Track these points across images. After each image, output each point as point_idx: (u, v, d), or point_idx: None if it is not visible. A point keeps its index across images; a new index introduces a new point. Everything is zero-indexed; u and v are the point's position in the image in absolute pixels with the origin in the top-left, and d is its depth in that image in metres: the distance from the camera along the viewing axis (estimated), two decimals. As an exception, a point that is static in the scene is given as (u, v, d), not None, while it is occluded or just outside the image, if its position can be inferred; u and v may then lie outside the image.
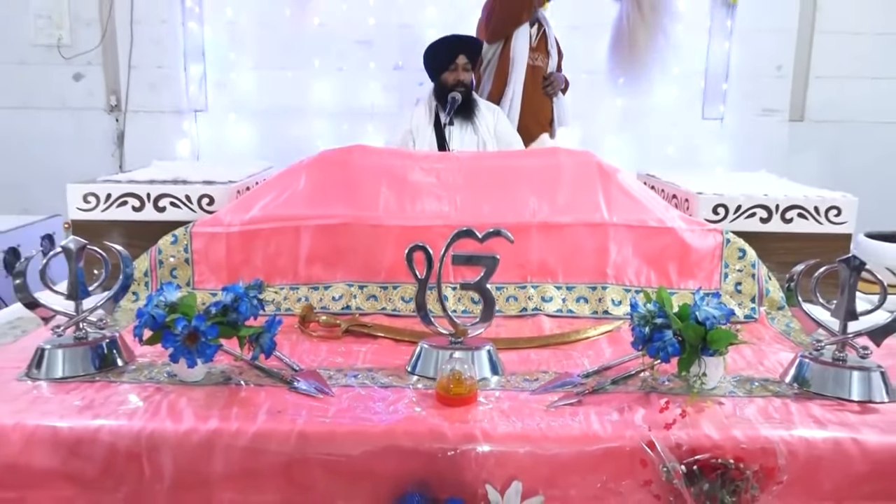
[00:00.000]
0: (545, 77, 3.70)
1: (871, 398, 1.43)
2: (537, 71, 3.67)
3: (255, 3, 4.60)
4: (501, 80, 3.58)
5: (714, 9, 4.65)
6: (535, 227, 2.05)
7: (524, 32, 3.58)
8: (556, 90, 3.72)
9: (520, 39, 3.57)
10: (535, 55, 3.66)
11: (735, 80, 4.70)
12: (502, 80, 3.57)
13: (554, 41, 3.76)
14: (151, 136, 4.66)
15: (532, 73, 3.64)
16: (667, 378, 1.51)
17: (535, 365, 1.64)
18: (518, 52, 3.56)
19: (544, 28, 3.72)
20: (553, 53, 3.73)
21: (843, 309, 1.50)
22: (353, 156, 2.24)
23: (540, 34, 3.70)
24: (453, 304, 1.99)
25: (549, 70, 3.71)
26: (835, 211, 2.20)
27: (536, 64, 3.67)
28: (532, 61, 3.64)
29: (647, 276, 2.05)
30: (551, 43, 3.74)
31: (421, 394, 1.45)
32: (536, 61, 3.67)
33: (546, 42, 3.72)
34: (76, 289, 1.57)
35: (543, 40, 3.72)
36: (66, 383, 1.48)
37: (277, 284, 2.04)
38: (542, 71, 3.70)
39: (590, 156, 2.26)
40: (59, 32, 4.63)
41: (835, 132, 4.80)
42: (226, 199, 2.25)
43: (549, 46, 3.72)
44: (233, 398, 1.42)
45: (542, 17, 3.73)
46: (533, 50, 3.64)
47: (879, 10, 4.61)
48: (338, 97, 4.71)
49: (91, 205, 2.24)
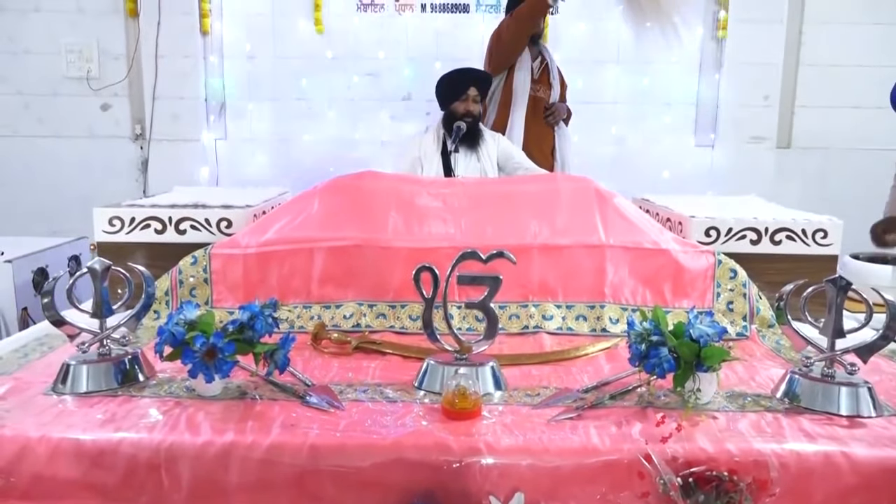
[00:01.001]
0: (546, 107, 3.70)
1: (859, 413, 1.41)
2: (539, 102, 3.69)
3: (271, 39, 4.66)
4: (505, 110, 3.60)
5: (704, 43, 4.69)
6: (536, 249, 2.04)
7: (526, 65, 3.60)
8: (556, 120, 3.73)
9: (521, 72, 3.59)
10: (538, 87, 3.67)
11: (724, 109, 4.72)
12: (505, 110, 3.59)
13: (556, 73, 3.77)
14: (173, 163, 4.69)
15: (534, 103, 3.66)
16: (663, 393, 1.50)
17: (536, 380, 1.63)
18: (520, 84, 3.58)
19: (546, 61, 3.74)
20: (555, 85, 3.74)
21: (830, 327, 1.49)
22: (364, 181, 2.25)
23: (542, 67, 3.72)
24: (458, 322, 1.98)
25: (551, 101, 3.72)
26: (821, 233, 2.19)
27: (539, 95, 3.68)
28: (534, 92, 3.65)
29: (643, 295, 2.04)
30: (553, 75, 3.75)
31: (427, 408, 1.44)
32: (538, 92, 3.68)
33: (548, 74, 3.73)
34: (101, 307, 1.57)
35: (546, 72, 3.73)
36: (90, 397, 1.47)
37: (291, 303, 2.04)
38: (545, 101, 3.71)
39: (587, 181, 2.26)
40: (89, 66, 4.68)
41: (820, 159, 4.81)
42: (243, 223, 2.26)
43: (552, 78, 3.74)
44: (248, 412, 1.41)
45: (545, 50, 3.76)
46: (535, 82, 3.66)
47: (860, 44, 4.64)
48: (349, 126, 4.74)
49: (116, 228, 2.24)
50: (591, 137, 4.64)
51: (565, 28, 4.60)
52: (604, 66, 4.62)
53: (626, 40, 4.62)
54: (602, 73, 4.62)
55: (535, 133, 3.63)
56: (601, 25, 4.62)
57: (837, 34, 4.69)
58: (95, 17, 4.64)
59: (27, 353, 1.78)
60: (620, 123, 4.74)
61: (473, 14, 4.62)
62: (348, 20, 4.64)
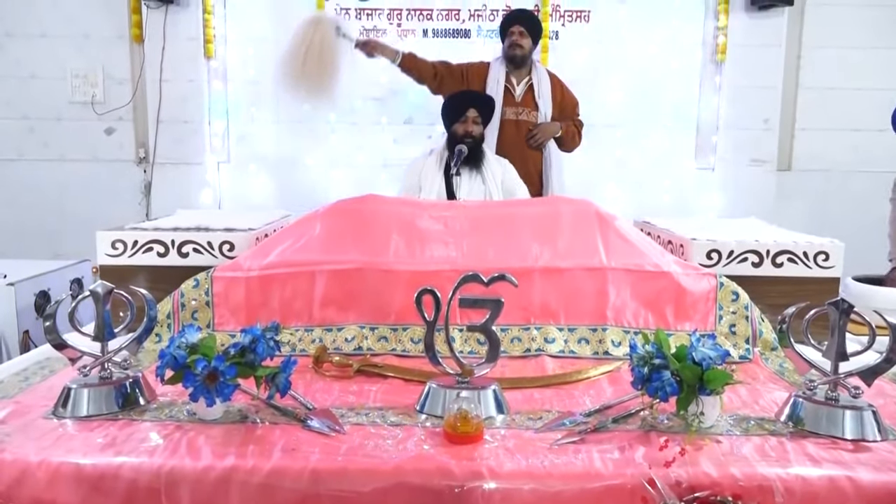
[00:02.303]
0: (530, 130, 3.60)
1: (863, 437, 1.40)
2: (522, 125, 3.59)
3: (274, 64, 4.67)
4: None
5: (704, 66, 4.72)
6: (537, 272, 2.04)
7: (496, 92, 3.52)
8: (538, 141, 3.60)
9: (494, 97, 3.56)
10: (521, 109, 3.60)
11: (725, 132, 4.74)
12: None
13: (546, 93, 3.64)
14: (176, 186, 4.71)
15: (517, 127, 3.58)
16: (666, 417, 1.49)
17: (538, 404, 1.62)
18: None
19: (532, 82, 3.65)
20: (541, 105, 3.62)
21: (833, 350, 1.48)
22: (366, 204, 2.25)
23: (527, 88, 3.64)
24: (460, 345, 1.98)
25: (539, 122, 3.60)
26: (823, 256, 2.19)
27: (522, 119, 3.59)
28: (516, 116, 3.58)
29: (645, 318, 2.04)
30: (539, 95, 3.63)
31: (429, 432, 1.43)
32: (521, 116, 3.59)
33: (534, 95, 3.63)
34: (103, 331, 1.57)
35: (530, 94, 3.63)
36: (91, 421, 1.47)
37: (293, 326, 2.03)
38: (528, 124, 3.60)
39: (588, 204, 2.26)
40: (94, 90, 4.73)
41: (820, 181, 4.83)
42: (245, 246, 2.26)
43: (537, 98, 3.62)
44: (249, 436, 1.40)
45: (537, 71, 3.68)
46: (518, 105, 3.60)
47: (858, 67, 4.68)
48: (351, 149, 4.77)
49: (119, 251, 2.25)
50: (592, 160, 4.65)
51: (566, 51, 4.64)
52: (604, 89, 4.65)
53: (627, 64, 4.66)
54: (603, 96, 4.65)
55: (520, 156, 3.52)
56: (602, 49, 4.66)
57: (836, 58, 4.73)
58: (101, 43, 4.70)
59: (28, 376, 1.78)
60: (621, 146, 4.76)
61: (475, 39, 4.67)
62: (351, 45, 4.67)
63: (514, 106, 3.60)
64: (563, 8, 4.65)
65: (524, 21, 3.67)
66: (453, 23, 4.67)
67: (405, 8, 4.65)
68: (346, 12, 4.66)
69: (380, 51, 3.65)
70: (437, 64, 3.71)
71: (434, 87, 3.69)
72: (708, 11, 4.68)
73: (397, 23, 4.67)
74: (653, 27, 4.64)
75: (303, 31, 3.52)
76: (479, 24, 4.67)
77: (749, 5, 4.59)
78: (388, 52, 3.67)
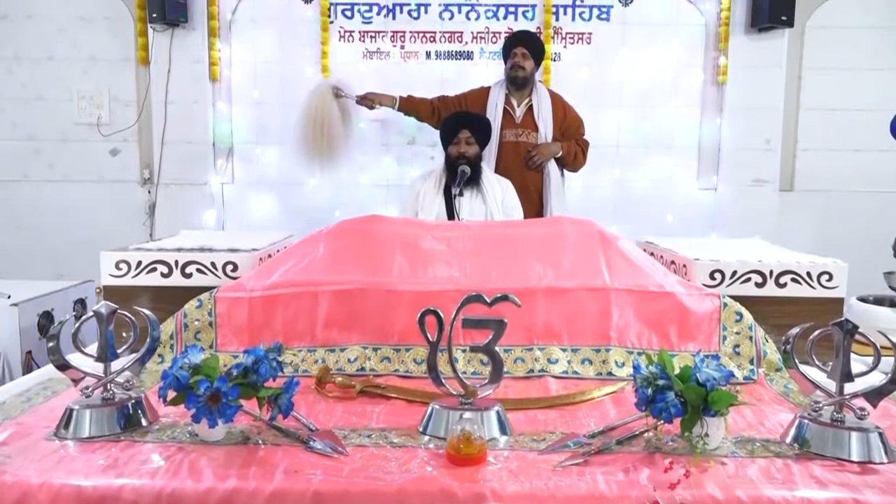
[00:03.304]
0: (529, 150, 3.61)
1: (870, 459, 1.39)
2: (522, 146, 3.61)
3: (279, 85, 4.74)
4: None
5: (705, 87, 4.75)
6: (540, 292, 2.04)
7: (495, 115, 3.56)
8: (537, 162, 3.60)
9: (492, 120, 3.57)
10: (520, 131, 3.62)
11: (727, 153, 4.76)
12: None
13: (547, 114, 3.65)
14: (180, 207, 4.73)
15: (516, 149, 3.60)
16: (670, 438, 1.48)
17: (542, 425, 1.62)
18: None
19: (532, 103, 3.66)
20: (541, 126, 3.63)
21: (838, 371, 1.47)
22: (369, 225, 2.26)
23: (527, 109, 3.65)
24: (463, 366, 1.97)
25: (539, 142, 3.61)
26: (826, 276, 2.19)
27: (521, 140, 3.61)
28: (516, 138, 3.61)
29: (649, 338, 2.03)
30: (539, 116, 3.64)
31: (432, 453, 1.42)
32: (521, 137, 3.61)
33: (533, 116, 3.64)
34: (106, 351, 1.57)
35: (530, 115, 3.65)
36: (93, 443, 1.46)
37: (296, 347, 2.03)
38: (528, 146, 3.61)
39: (591, 224, 2.26)
40: (99, 112, 4.77)
41: (822, 201, 4.84)
42: (249, 266, 2.27)
43: (538, 119, 3.63)
44: (251, 457, 1.40)
45: (538, 92, 3.69)
46: (517, 126, 3.62)
47: (859, 88, 4.70)
48: (355, 170, 4.78)
49: (122, 271, 2.26)
50: (595, 180, 4.67)
51: (568, 73, 4.67)
52: (606, 110, 4.68)
53: (628, 85, 4.69)
54: (605, 116, 4.67)
55: (520, 177, 3.54)
56: (604, 70, 4.69)
57: (836, 79, 4.76)
58: (107, 66, 4.75)
59: (31, 397, 1.78)
60: (623, 167, 4.78)
61: (477, 60, 4.70)
62: (354, 67, 4.72)
63: (514, 127, 3.62)
64: (564, 30, 4.69)
65: (527, 42, 3.71)
66: (456, 45, 4.71)
67: (408, 30, 4.70)
68: (350, 35, 4.70)
69: (378, 101, 3.84)
70: (435, 100, 3.82)
71: (434, 123, 3.79)
72: (709, 33, 4.71)
73: (401, 45, 4.71)
74: (654, 49, 4.68)
75: (305, 106, 3.76)
76: (481, 46, 4.71)
77: (749, 27, 4.63)
78: (386, 100, 3.85)
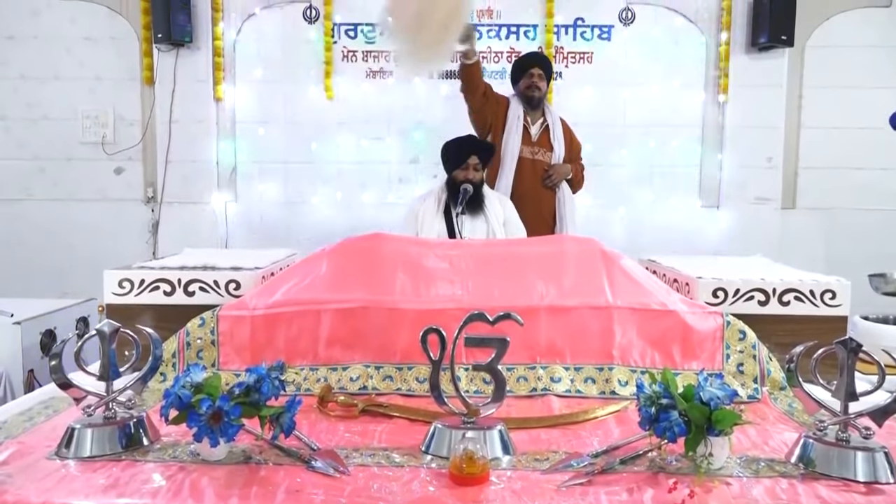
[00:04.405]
0: (545, 169, 3.66)
1: (876, 479, 1.38)
2: (538, 164, 3.65)
3: (282, 105, 4.77)
4: (493, 172, 3.59)
5: (707, 106, 4.78)
6: (543, 311, 2.04)
7: (516, 128, 3.61)
8: (554, 182, 3.66)
9: (513, 135, 3.58)
10: (537, 149, 3.65)
11: (728, 171, 4.78)
12: (494, 171, 3.58)
13: (560, 135, 3.72)
14: (184, 225, 4.75)
15: (533, 166, 3.63)
16: (674, 458, 1.47)
17: (545, 444, 1.61)
18: (510, 147, 3.57)
19: (547, 123, 3.72)
20: (557, 146, 3.69)
21: (843, 390, 1.47)
22: (372, 243, 2.26)
23: (543, 129, 3.71)
24: (466, 385, 1.96)
25: (552, 162, 3.67)
26: (829, 294, 2.18)
27: (537, 158, 3.65)
28: (532, 155, 3.64)
29: (652, 357, 2.02)
30: (554, 136, 3.70)
31: (435, 473, 1.42)
32: (537, 155, 3.65)
33: (549, 136, 3.70)
34: (108, 370, 1.57)
35: (546, 134, 3.70)
36: (94, 462, 1.45)
37: (298, 365, 2.03)
38: (544, 164, 3.66)
39: (594, 242, 2.26)
40: (104, 131, 4.81)
41: (825, 219, 4.85)
42: (252, 284, 2.27)
43: (552, 140, 3.69)
44: (253, 477, 1.39)
45: (549, 112, 3.75)
46: (534, 144, 3.65)
47: (859, 107, 4.73)
48: (357, 189, 4.81)
49: (125, 290, 2.26)
50: (598, 199, 4.69)
51: (570, 92, 4.70)
52: (608, 129, 4.70)
53: (630, 104, 4.72)
54: (606, 135, 4.69)
55: (535, 196, 3.59)
56: (605, 89, 4.72)
57: (837, 97, 4.79)
58: (112, 85, 4.80)
59: (32, 416, 1.77)
60: (625, 185, 4.79)
61: (479, 80, 4.73)
62: (357, 87, 4.76)
63: (531, 145, 3.66)
64: (566, 49, 4.73)
65: (542, 64, 3.77)
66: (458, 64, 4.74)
67: (411, 50, 4.73)
68: (353, 55, 4.74)
69: (471, 41, 3.36)
70: (487, 84, 3.70)
71: (478, 103, 3.64)
72: (709, 52, 4.75)
73: (404, 65, 4.75)
74: (655, 68, 4.71)
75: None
76: (483, 65, 4.73)
77: (750, 47, 4.66)
78: (473, 46, 3.39)
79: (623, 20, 4.74)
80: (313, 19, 4.73)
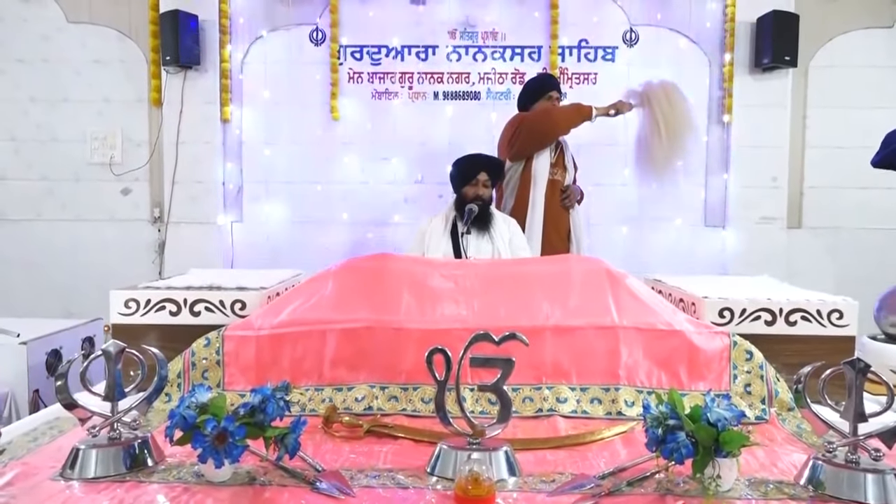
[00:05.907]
0: (562, 190, 3.75)
1: (887, 501, 1.36)
2: (556, 184, 3.73)
3: (289, 125, 4.81)
4: (524, 195, 3.64)
5: (711, 126, 4.79)
6: (548, 331, 2.03)
7: (546, 150, 3.68)
8: (572, 202, 3.76)
9: (541, 158, 3.66)
10: (555, 170, 3.73)
11: (734, 191, 4.78)
12: (525, 195, 3.64)
13: (571, 155, 3.84)
14: (190, 246, 4.77)
15: (552, 186, 3.70)
16: (682, 480, 1.46)
17: (551, 466, 1.59)
18: (539, 170, 3.64)
19: (562, 144, 3.81)
20: (570, 167, 3.80)
21: (852, 411, 1.45)
22: (377, 263, 2.26)
23: (558, 150, 3.78)
24: (471, 405, 1.95)
25: (566, 183, 3.76)
26: (837, 314, 2.17)
27: (556, 178, 3.73)
28: (552, 176, 3.70)
29: (658, 377, 2.01)
30: (568, 158, 3.81)
31: (440, 495, 1.40)
32: (556, 175, 3.73)
33: (563, 157, 3.80)
34: (113, 390, 1.57)
35: (561, 156, 3.79)
36: (98, 483, 1.45)
37: (303, 386, 2.02)
38: (561, 184, 3.75)
39: (599, 262, 2.26)
40: (112, 152, 4.85)
41: (831, 238, 4.84)
42: (257, 305, 2.27)
43: (566, 161, 3.79)
44: (257, 498, 1.38)
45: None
46: (553, 165, 3.72)
47: (863, 126, 4.73)
48: (363, 209, 4.82)
49: (131, 310, 2.26)
50: (602, 218, 4.69)
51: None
52: (613, 149, 4.71)
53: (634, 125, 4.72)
54: (611, 155, 4.70)
55: (554, 216, 3.67)
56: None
57: (841, 117, 4.80)
58: (121, 107, 4.84)
59: (37, 436, 1.77)
60: (631, 205, 4.79)
61: (484, 101, 4.78)
62: (363, 108, 4.80)
63: (552, 167, 3.71)
64: (570, 70, 4.76)
65: (558, 86, 3.91)
66: (463, 85, 4.79)
67: (416, 71, 4.78)
68: (359, 76, 4.78)
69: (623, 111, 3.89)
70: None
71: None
72: (713, 73, 4.77)
73: (409, 86, 4.79)
74: (659, 89, 4.72)
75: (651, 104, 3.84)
76: (488, 86, 4.78)
77: (753, 67, 4.68)
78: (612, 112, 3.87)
79: (627, 42, 4.77)
80: (319, 41, 4.78)
